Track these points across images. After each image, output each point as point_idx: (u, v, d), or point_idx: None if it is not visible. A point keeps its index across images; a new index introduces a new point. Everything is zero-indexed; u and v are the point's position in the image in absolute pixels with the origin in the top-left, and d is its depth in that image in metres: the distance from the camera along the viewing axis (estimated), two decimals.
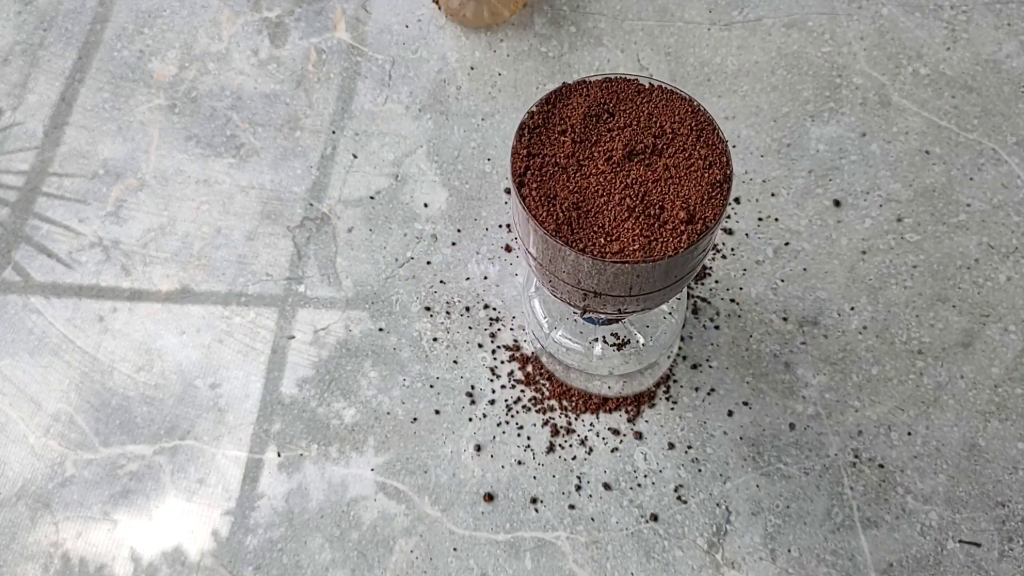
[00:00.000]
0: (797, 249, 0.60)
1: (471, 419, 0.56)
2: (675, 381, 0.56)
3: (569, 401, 0.56)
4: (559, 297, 0.40)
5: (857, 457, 0.54)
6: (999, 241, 0.60)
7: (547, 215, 0.35)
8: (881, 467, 0.53)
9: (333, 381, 0.57)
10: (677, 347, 0.57)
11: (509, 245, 0.62)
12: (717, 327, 0.58)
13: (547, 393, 0.56)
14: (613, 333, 0.54)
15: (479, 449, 0.55)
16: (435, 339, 0.58)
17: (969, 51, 0.67)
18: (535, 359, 0.57)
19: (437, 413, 0.56)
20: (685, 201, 0.35)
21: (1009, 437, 0.54)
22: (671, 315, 0.54)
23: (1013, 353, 0.56)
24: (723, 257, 0.60)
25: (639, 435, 0.55)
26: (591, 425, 0.55)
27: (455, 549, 0.52)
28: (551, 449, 0.55)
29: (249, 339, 0.59)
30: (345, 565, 0.52)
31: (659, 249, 0.34)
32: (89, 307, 0.61)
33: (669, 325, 0.54)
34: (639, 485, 0.54)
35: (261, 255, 0.62)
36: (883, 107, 0.65)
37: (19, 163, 0.67)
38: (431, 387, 0.57)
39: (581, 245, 0.34)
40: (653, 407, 0.56)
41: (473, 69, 0.69)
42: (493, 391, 0.57)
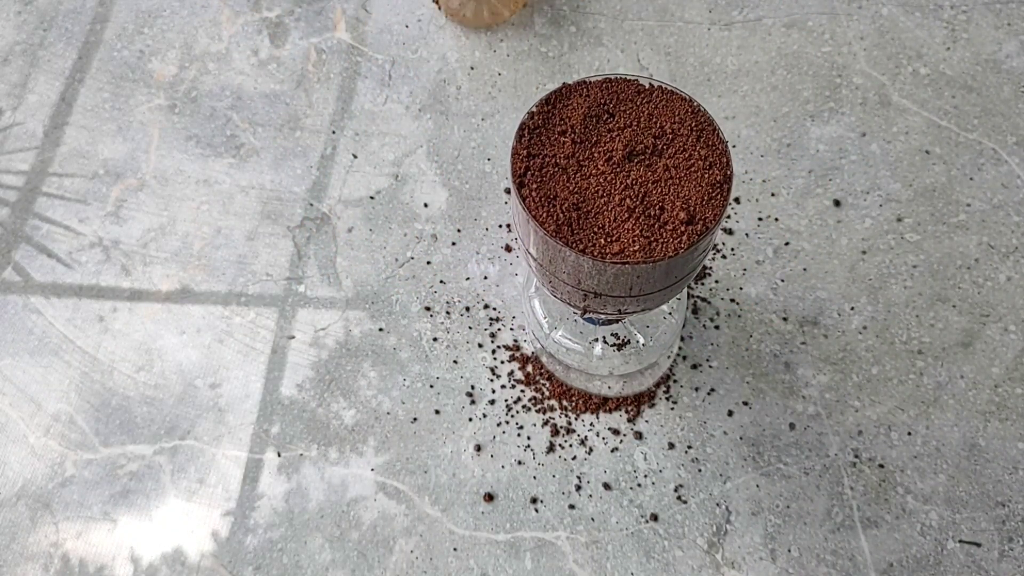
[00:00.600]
0: (797, 249, 0.60)
1: (471, 419, 0.56)
2: (675, 381, 0.56)
3: (569, 401, 0.56)
4: (559, 297, 0.40)
5: (857, 457, 0.54)
6: (999, 241, 0.60)
7: (547, 216, 0.35)
8: (881, 467, 0.53)
9: (333, 381, 0.57)
10: (677, 347, 0.57)
11: (509, 245, 0.62)
12: (717, 327, 0.58)
13: (547, 393, 0.56)
14: (613, 333, 0.54)
15: (479, 449, 0.55)
16: (435, 339, 0.58)
17: (969, 51, 0.67)
18: (535, 359, 0.57)
19: (437, 413, 0.56)
20: (685, 202, 0.35)
21: (1009, 437, 0.54)
22: (671, 315, 0.54)
23: (1013, 353, 0.56)
24: (723, 257, 0.60)
25: (639, 435, 0.55)
26: (591, 425, 0.55)
27: (455, 549, 0.52)
28: (551, 449, 0.55)
29: (249, 339, 0.59)
30: (345, 565, 0.52)
31: (659, 250, 0.34)
32: (89, 307, 0.61)
33: (669, 325, 0.54)
34: (639, 485, 0.54)
35: (261, 255, 0.62)
36: (883, 107, 0.65)
37: (19, 163, 0.67)
38: (431, 387, 0.57)
39: (581, 246, 0.34)
40: (653, 407, 0.56)
41: (473, 69, 0.69)
42: (493, 391, 0.57)
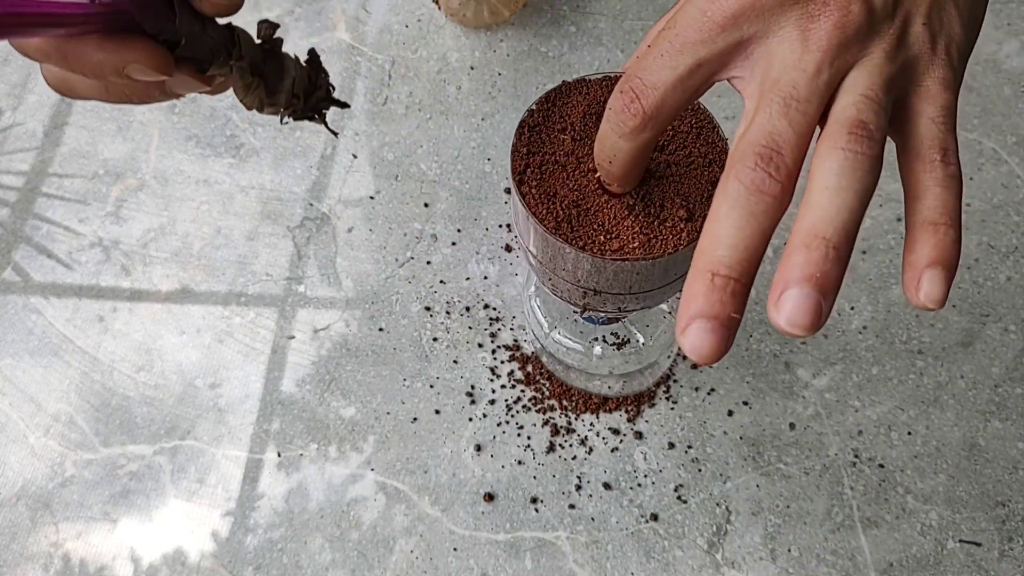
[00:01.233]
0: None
1: (471, 419, 0.56)
2: (675, 381, 0.56)
3: (569, 401, 0.56)
4: (559, 296, 0.40)
5: (857, 457, 0.54)
6: (999, 241, 0.60)
7: (547, 212, 0.35)
8: (881, 467, 0.53)
9: (333, 381, 0.57)
10: (677, 347, 0.57)
11: (509, 245, 0.62)
12: None
13: (547, 393, 0.56)
14: (613, 332, 0.54)
15: (479, 449, 0.55)
16: (435, 339, 0.58)
17: None
18: (535, 359, 0.57)
19: (437, 413, 0.56)
20: (685, 199, 0.35)
21: (1009, 437, 0.54)
22: (671, 314, 0.54)
23: (1013, 353, 0.56)
24: None
25: (639, 435, 0.55)
26: (591, 425, 0.55)
27: (455, 549, 0.52)
28: (551, 449, 0.55)
29: (249, 339, 0.59)
30: (345, 565, 0.52)
31: (659, 247, 0.34)
32: (89, 307, 0.61)
33: (669, 324, 0.54)
34: (639, 485, 0.53)
35: (261, 255, 0.62)
36: None
37: (19, 163, 0.67)
38: (431, 387, 0.57)
39: (581, 243, 0.34)
40: (653, 407, 0.56)
41: (473, 69, 0.69)
42: (493, 391, 0.57)
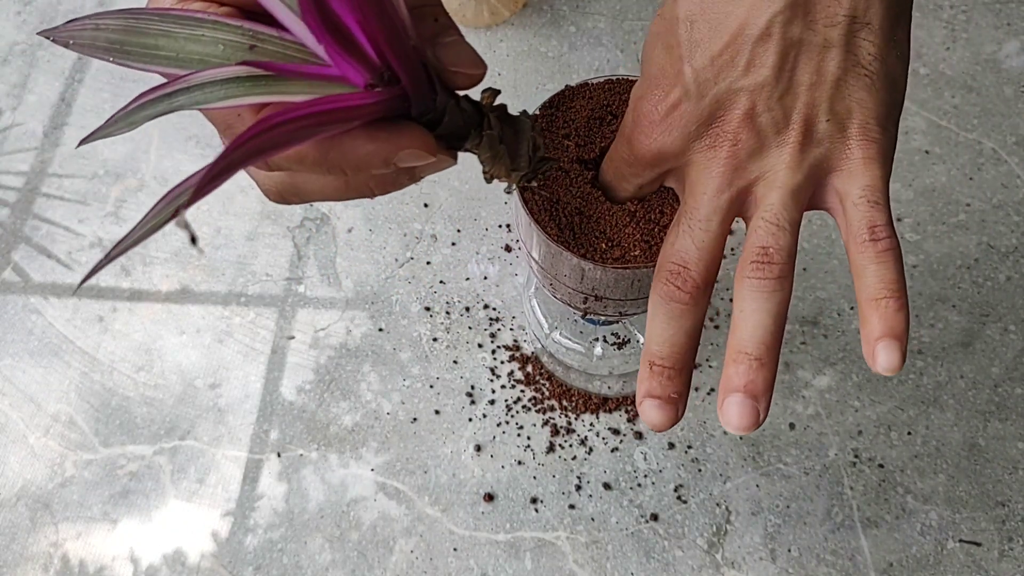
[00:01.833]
0: (797, 249, 0.60)
1: (471, 419, 0.56)
2: None
3: (569, 401, 0.56)
4: (560, 299, 0.40)
5: (857, 457, 0.54)
6: (999, 241, 0.60)
7: (549, 219, 0.35)
8: (881, 467, 0.53)
9: (333, 381, 0.57)
10: None
11: (509, 245, 0.62)
12: (717, 327, 0.58)
13: (547, 393, 0.56)
14: (613, 333, 0.54)
15: (479, 449, 0.55)
16: (435, 339, 0.58)
17: (969, 51, 0.67)
18: (535, 359, 0.57)
19: (437, 413, 0.56)
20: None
21: (1009, 437, 0.54)
22: None
23: (1013, 353, 0.56)
24: (723, 257, 0.60)
25: (639, 435, 0.55)
26: (591, 425, 0.55)
27: (455, 549, 0.52)
28: (551, 449, 0.55)
29: (249, 339, 0.59)
30: (345, 565, 0.52)
31: (659, 253, 0.34)
32: (89, 307, 0.61)
33: None
34: (639, 485, 0.54)
35: (261, 255, 0.62)
36: None
37: (19, 163, 0.66)
38: (431, 387, 0.57)
39: (582, 250, 0.34)
40: None
41: None
42: (493, 391, 0.57)
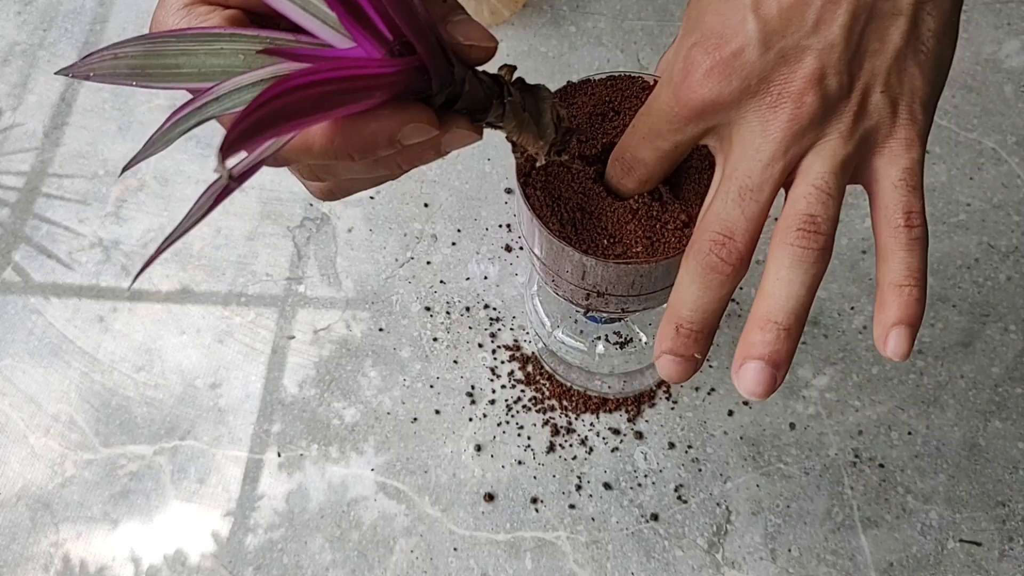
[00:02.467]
0: None
1: (471, 419, 0.56)
2: None
3: (569, 401, 0.56)
4: (562, 296, 0.40)
5: (857, 457, 0.54)
6: (999, 241, 0.60)
7: (551, 215, 0.35)
8: (881, 467, 0.53)
9: (333, 381, 0.57)
10: None
11: (509, 245, 0.62)
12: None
13: (547, 393, 0.56)
14: (615, 332, 0.54)
15: (479, 449, 0.55)
16: (435, 339, 0.58)
17: (969, 51, 0.67)
18: (535, 359, 0.57)
19: (437, 413, 0.56)
20: (685, 204, 0.35)
21: (1009, 437, 0.54)
22: None
23: (1013, 353, 0.56)
24: None
25: (639, 435, 0.55)
26: (591, 425, 0.55)
27: (455, 549, 0.52)
28: (551, 449, 0.55)
29: (249, 339, 0.59)
30: (345, 565, 0.52)
31: (661, 250, 0.34)
32: (89, 307, 0.61)
33: None
34: (639, 485, 0.54)
35: (261, 255, 0.62)
36: None
37: (19, 163, 0.66)
38: (431, 387, 0.57)
39: (584, 246, 0.34)
40: (653, 407, 0.56)
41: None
42: (493, 391, 0.57)
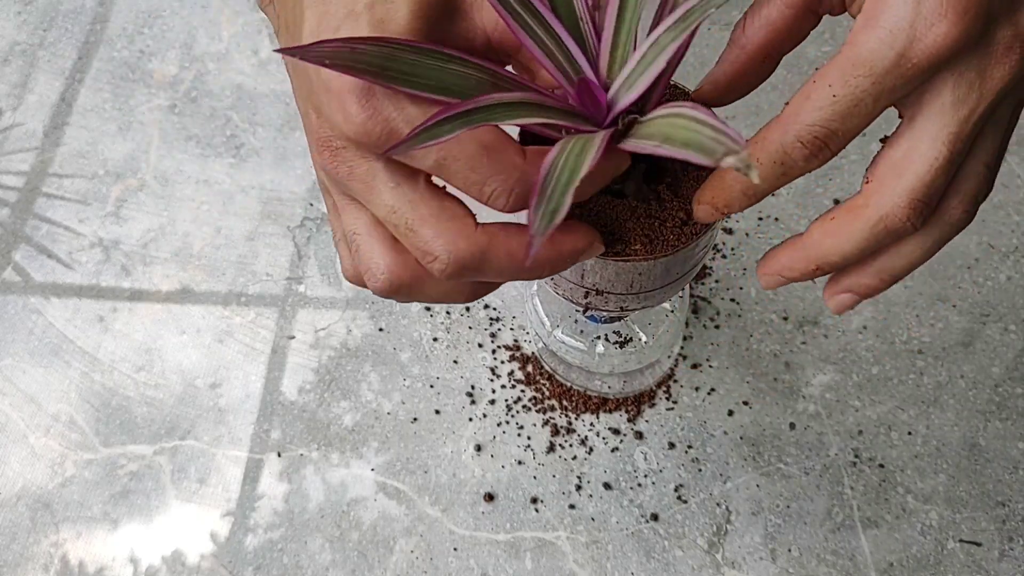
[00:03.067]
0: None
1: (471, 419, 0.56)
2: (675, 381, 0.57)
3: (569, 401, 0.56)
4: (561, 295, 0.40)
5: (857, 457, 0.54)
6: (999, 240, 0.60)
7: None
8: (881, 467, 0.53)
9: (333, 381, 0.57)
10: (679, 346, 0.57)
11: None
12: (717, 327, 0.58)
13: (547, 393, 0.56)
14: (615, 331, 0.54)
15: (479, 449, 0.55)
16: (435, 339, 0.59)
17: None
18: (535, 359, 0.57)
19: (437, 413, 0.56)
20: (683, 202, 0.36)
21: (1009, 437, 0.54)
22: (673, 312, 0.54)
23: (1013, 353, 0.56)
24: (723, 257, 0.60)
25: (639, 435, 0.55)
26: (591, 425, 0.55)
27: (455, 549, 0.52)
28: (551, 449, 0.55)
29: (249, 339, 0.59)
30: (345, 565, 0.52)
31: (660, 248, 0.34)
32: (89, 307, 0.61)
33: (671, 323, 0.54)
34: (639, 485, 0.54)
35: (261, 255, 0.62)
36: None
37: (19, 163, 0.67)
38: (431, 387, 0.57)
39: None
40: (653, 407, 0.56)
41: None
42: (493, 391, 0.57)
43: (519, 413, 0.56)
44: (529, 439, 0.55)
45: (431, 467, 0.55)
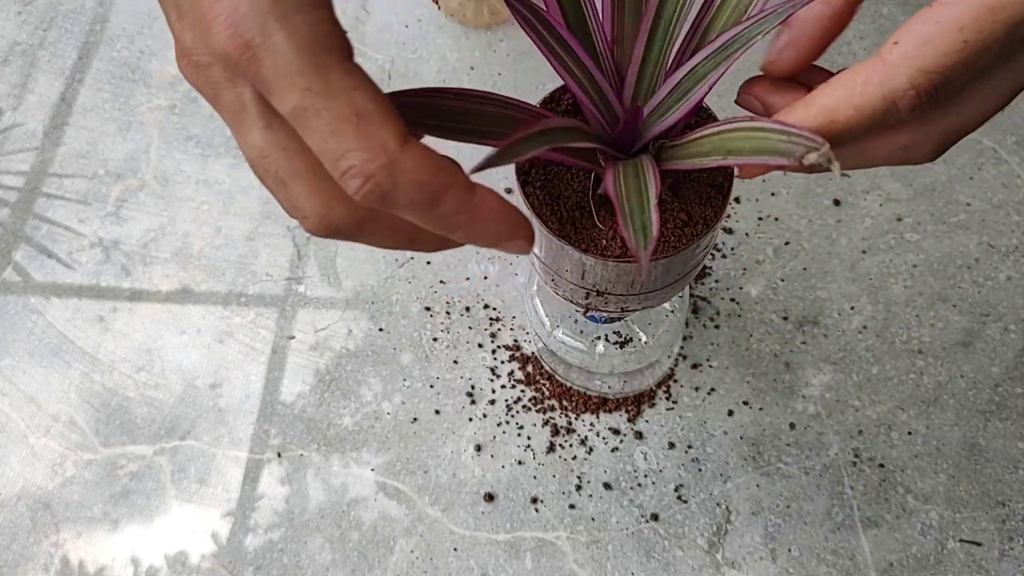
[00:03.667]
0: (797, 248, 0.60)
1: (471, 419, 0.56)
2: (675, 381, 0.57)
3: (569, 401, 0.56)
4: (562, 295, 0.40)
5: (857, 456, 0.54)
6: (999, 240, 0.60)
7: (551, 214, 0.35)
8: (881, 467, 0.53)
9: (333, 381, 0.57)
10: (679, 346, 0.57)
11: None
12: (717, 327, 0.58)
13: (547, 393, 0.56)
14: (615, 331, 0.54)
15: (479, 449, 0.55)
16: (435, 339, 0.58)
17: None
18: (535, 359, 0.57)
19: (437, 413, 0.56)
20: (684, 203, 0.35)
21: (1009, 436, 0.54)
22: (673, 313, 0.54)
23: (1013, 352, 0.56)
24: (723, 257, 0.60)
25: (639, 435, 0.55)
26: (591, 425, 0.55)
27: (455, 549, 0.52)
28: (551, 449, 0.55)
29: (249, 339, 0.59)
30: (345, 565, 0.52)
31: (660, 249, 0.34)
32: (89, 307, 0.61)
33: (671, 323, 0.54)
34: (639, 485, 0.54)
35: (261, 255, 0.62)
36: None
37: (19, 163, 0.67)
38: (431, 387, 0.57)
39: (584, 245, 0.34)
40: (653, 407, 0.56)
41: (473, 69, 0.69)
42: (493, 391, 0.57)
43: (519, 413, 0.56)
44: (529, 439, 0.55)
45: (431, 467, 0.55)
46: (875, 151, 0.28)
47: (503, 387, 0.57)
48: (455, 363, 0.58)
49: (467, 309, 0.59)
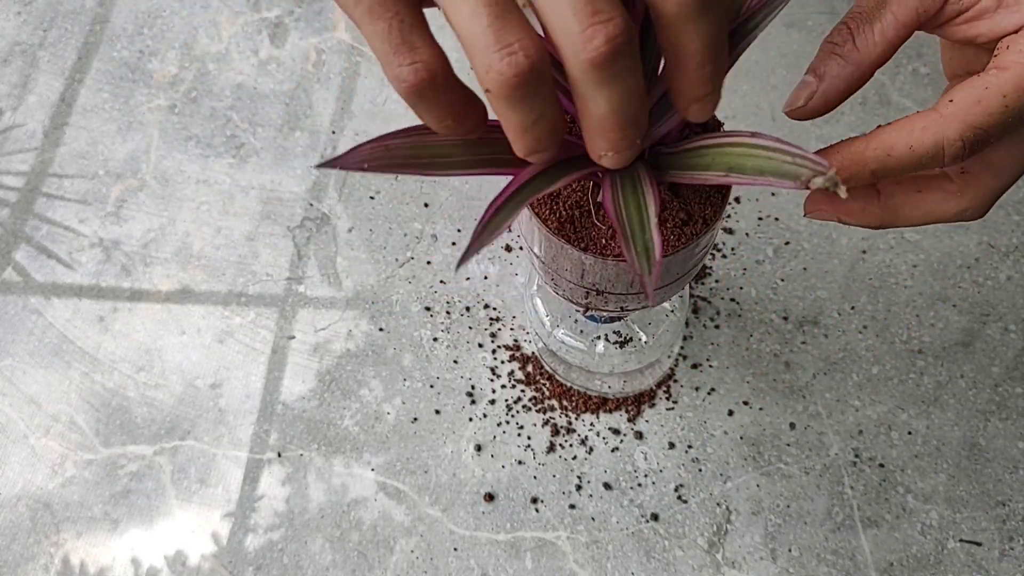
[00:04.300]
0: (797, 248, 0.60)
1: (471, 419, 0.56)
2: (675, 381, 0.57)
3: (569, 401, 0.56)
4: (561, 295, 0.40)
5: (857, 456, 0.54)
6: (999, 240, 0.60)
7: (550, 213, 0.35)
8: (881, 466, 0.53)
9: (333, 381, 0.57)
10: (679, 346, 0.57)
11: (509, 245, 0.62)
12: (717, 327, 0.58)
13: (547, 393, 0.56)
14: (615, 331, 0.54)
15: (479, 449, 0.55)
16: (435, 339, 0.59)
17: None
18: (535, 359, 0.57)
19: (437, 413, 0.56)
20: (684, 202, 0.35)
21: (1009, 436, 0.54)
22: (673, 313, 0.54)
23: (1013, 352, 0.56)
24: (723, 257, 0.60)
25: (639, 435, 0.55)
26: (591, 425, 0.55)
27: (455, 549, 0.52)
28: (551, 449, 0.55)
29: (249, 339, 0.59)
30: (345, 565, 0.52)
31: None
32: (89, 307, 0.61)
33: (671, 323, 0.54)
34: (639, 485, 0.54)
35: (261, 255, 0.62)
36: (883, 106, 0.65)
37: (19, 164, 0.67)
38: (431, 387, 0.57)
39: (583, 244, 0.34)
40: (653, 407, 0.56)
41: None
42: (493, 391, 0.57)
43: (519, 413, 0.56)
44: (529, 439, 0.55)
45: (431, 467, 0.55)
46: (928, 204, 0.32)
47: (503, 387, 0.57)
48: (455, 363, 0.58)
49: (467, 309, 0.59)
